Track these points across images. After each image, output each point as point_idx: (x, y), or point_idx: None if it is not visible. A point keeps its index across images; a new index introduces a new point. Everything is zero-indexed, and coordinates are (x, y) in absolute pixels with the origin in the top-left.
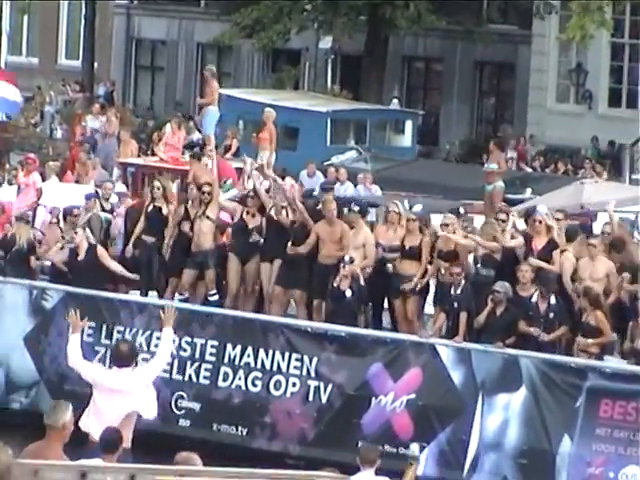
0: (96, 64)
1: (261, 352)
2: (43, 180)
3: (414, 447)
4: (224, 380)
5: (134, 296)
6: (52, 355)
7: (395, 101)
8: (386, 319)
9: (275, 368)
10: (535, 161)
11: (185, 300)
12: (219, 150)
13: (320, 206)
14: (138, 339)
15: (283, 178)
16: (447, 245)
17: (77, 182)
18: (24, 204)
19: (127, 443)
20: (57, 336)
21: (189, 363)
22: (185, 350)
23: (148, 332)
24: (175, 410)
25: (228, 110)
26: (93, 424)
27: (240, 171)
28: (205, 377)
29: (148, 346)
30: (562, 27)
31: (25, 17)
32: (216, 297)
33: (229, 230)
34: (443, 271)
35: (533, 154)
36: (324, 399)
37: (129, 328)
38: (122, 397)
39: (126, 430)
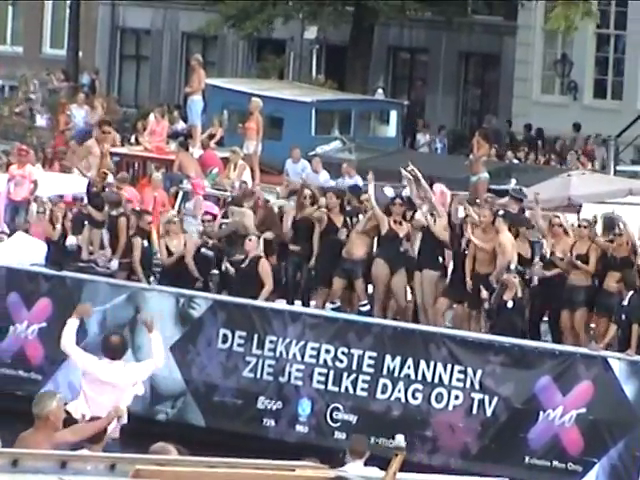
0: (81, 53)
1: (422, 363)
2: None
3: (399, 438)
4: (383, 392)
5: (287, 305)
6: (200, 365)
7: (380, 91)
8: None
9: (437, 380)
10: (520, 152)
11: (337, 309)
12: (203, 139)
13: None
14: (292, 350)
15: (431, 185)
16: (619, 252)
17: (63, 172)
18: (20, 196)
19: (115, 433)
20: (206, 346)
21: (345, 374)
22: (342, 361)
23: (302, 342)
24: (330, 422)
25: (213, 99)
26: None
27: (226, 160)
28: (362, 389)
29: (302, 357)
30: (548, 18)
31: (10, 6)
32: (367, 307)
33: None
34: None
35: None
36: (489, 412)
37: (282, 338)
38: (111, 389)
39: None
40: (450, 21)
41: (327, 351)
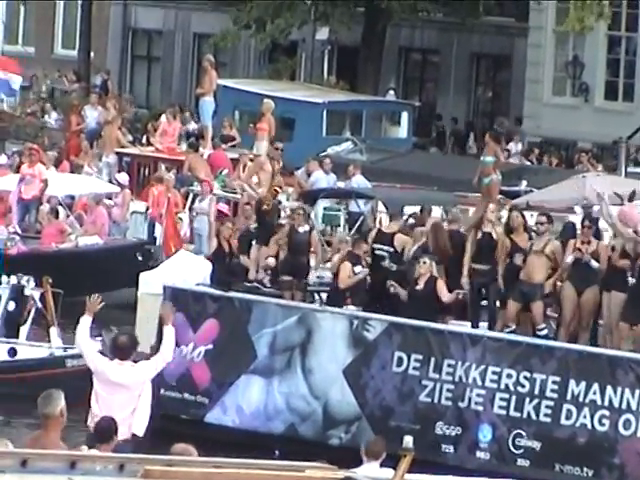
0: (92, 54)
1: (608, 389)
2: None
3: (407, 439)
4: (567, 418)
5: (466, 328)
6: (375, 389)
7: (391, 92)
8: None
9: (624, 406)
10: (530, 154)
11: (512, 332)
12: (216, 140)
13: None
14: (471, 374)
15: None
16: None
17: (72, 172)
18: (30, 195)
19: (127, 434)
20: (380, 369)
21: (528, 400)
22: (524, 386)
23: (482, 367)
24: (513, 449)
25: (224, 100)
26: (98, 414)
27: (235, 162)
28: (546, 415)
29: (483, 381)
30: (559, 20)
31: (22, 6)
32: (545, 331)
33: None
34: None
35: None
36: None
37: (461, 361)
38: (122, 390)
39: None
40: (462, 22)
41: (509, 375)
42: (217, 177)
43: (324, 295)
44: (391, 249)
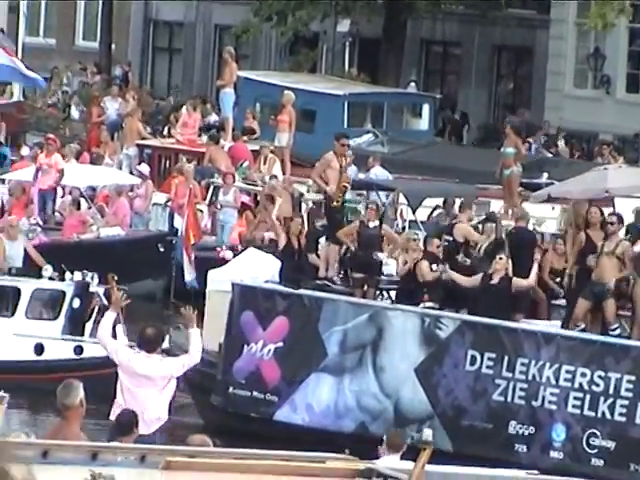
0: (113, 46)
1: None
2: None
3: (427, 432)
4: None
5: (541, 326)
6: (447, 388)
7: (412, 85)
8: None
9: None
10: (552, 147)
11: (582, 331)
12: (237, 132)
13: None
14: (545, 373)
15: None
16: None
17: (92, 163)
18: (46, 185)
19: (151, 428)
20: (453, 368)
21: (602, 399)
22: (598, 385)
23: (556, 365)
24: (587, 448)
25: (245, 92)
26: (123, 406)
27: (256, 153)
28: (621, 414)
29: (557, 380)
30: (580, 12)
31: None
32: (618, 331)
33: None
34: None
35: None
36: None
37: (534, 360)
38: (147, 382)
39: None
40: (483, 14)
41: (583, 374)
42: (238, 169)
43: (393, 293)
44: (450, 238)
